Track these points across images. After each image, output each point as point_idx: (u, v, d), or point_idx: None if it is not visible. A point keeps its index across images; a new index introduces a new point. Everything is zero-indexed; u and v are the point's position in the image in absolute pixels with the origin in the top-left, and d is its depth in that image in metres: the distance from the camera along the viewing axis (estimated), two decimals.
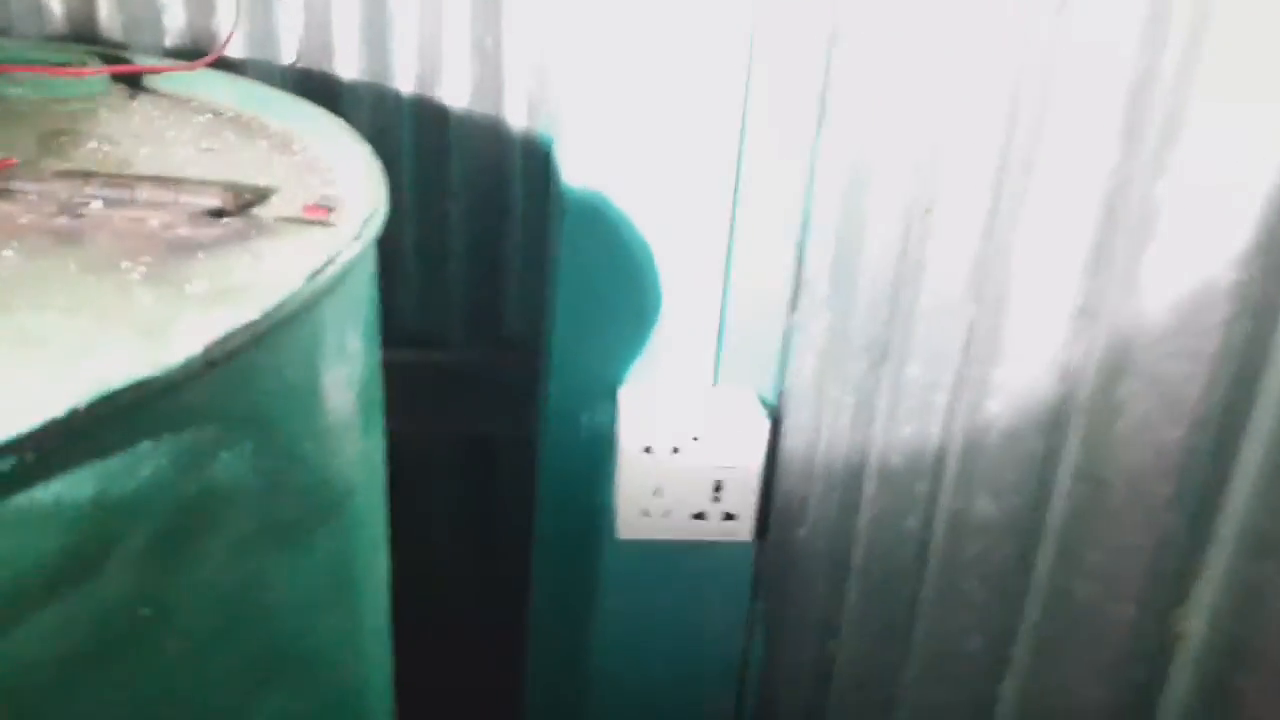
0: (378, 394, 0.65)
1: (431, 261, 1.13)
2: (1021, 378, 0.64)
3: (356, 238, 0.52)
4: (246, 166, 0.66)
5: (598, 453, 1.04)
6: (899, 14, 0.76)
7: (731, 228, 0.97)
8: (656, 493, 0.99)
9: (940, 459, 0.75)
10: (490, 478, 1.24)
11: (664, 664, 1.13)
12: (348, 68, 1.05)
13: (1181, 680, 0.50)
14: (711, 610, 1.11)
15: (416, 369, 1.16)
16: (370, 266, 0.62)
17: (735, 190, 0.96)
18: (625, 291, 0.99)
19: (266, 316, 0.44)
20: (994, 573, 0.68)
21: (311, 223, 0.56)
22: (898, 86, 0.77)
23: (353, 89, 1.05)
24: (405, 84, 1.06)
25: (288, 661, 0.54)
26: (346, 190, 0.59)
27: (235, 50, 1.03)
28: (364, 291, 0.59)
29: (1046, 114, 0.59)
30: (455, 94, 1.06)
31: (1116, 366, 0.53)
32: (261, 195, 0.59)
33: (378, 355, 0.65)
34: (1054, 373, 0.61)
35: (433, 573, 1.27)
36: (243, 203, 0.58)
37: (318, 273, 0.48)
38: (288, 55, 1.05)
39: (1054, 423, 0.62)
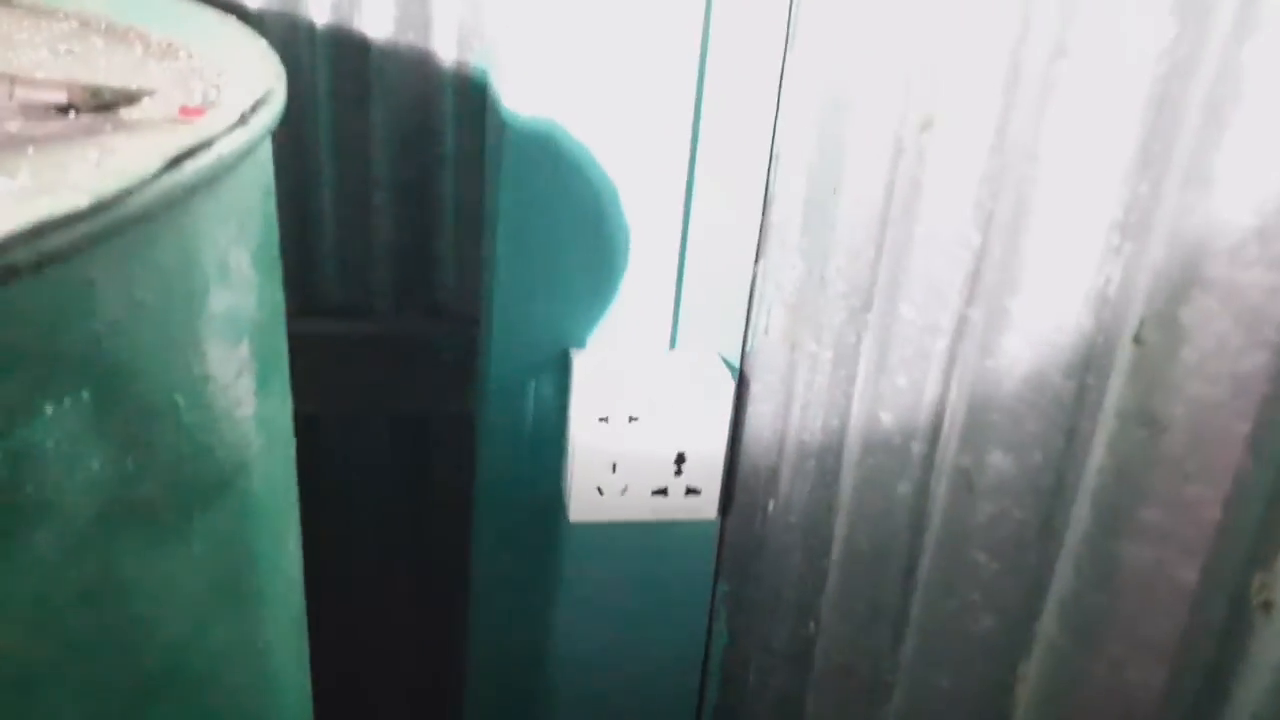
0: (280, 342, 0.53)
1: (353, 219, 1.02)
2: (1045, 309, 0.55)
3: (240, 124, 0.41)
4: (115, 70, 0.54)
5: (545, 428, 0.94)
6: None
7: (690, 170, 0.87)
8: (613, 468, 0.89)
9: (940, 412, 0.66)
10: (426, 461, 1.13)
11: (621, 656, 1.03)
12: (253, 2, 0.92)
13: (1266, 657, 0.41)
14: (672, 595, 1.01)
15: (339, 342, 1.05)
16: (264, 175, 0.51)
17: (695, 129, 0.86)
18: (572, 244, 0.88)
19: (103, 208, 0.32)
20: (1010, 541, 0.59)
21: (188, 124, 0.45)
22: None
23: (260, 24, 0.93)
24: (319, 15, 0.94)
25: (163, 689, 0.42)
26: (239, 94, 0.47)
27: None
28: (255, 203, 0.48)
29: None
30: (376, 26, 0.94)
31: (1179, 282, 0.44)
32: (127, 97, 0.47)
33: (278, 292, 0.53)
34: (1090, 299, 0.52)
35: (361, 570, 1.16)
36: (100, 102, 0.46)
37: (180, 158, 0.36)
38: None
39: (1088, 359, 0.53)
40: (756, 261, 0.92)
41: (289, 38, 0.94)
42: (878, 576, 0.73)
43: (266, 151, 0.53)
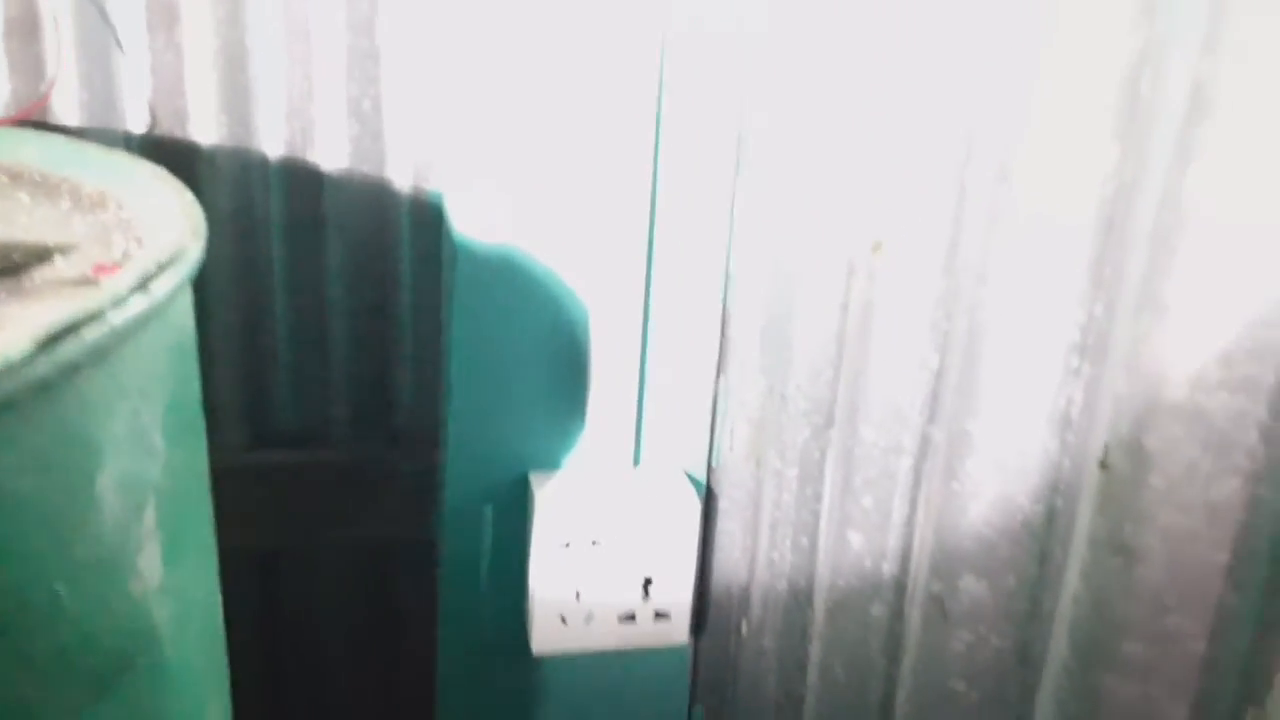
0: (198, 503, 0.51)
1: (309, 347, 1.00)
2: (1007, 432, 0.54)
3: (138, 289, 0.39)
4: (37, 226, 0.53)
5: (506, 554, 0.91)
6: (832, 21, 0.68)
7: (647, 288, 0.87)
8: (577, 595, 0.86)
9: (909, 533, 0.64)
10: (389, 590, 1.09)
11: None
12: (205, 134, 0.92)
13: None
14: None
15: (297, 471, 1.02)
16: (176, 334, 0.49)
17: (649, 246, 0.86)
18: (530, 366, 0.87)
19: None
20: (989, 670, 0.57)
21: (98, 284, 0.43)
22: (830, 109, 0.69)
23: (211, 159, 0.93)
24: (273, 151, 0.94)
25: None
26: (160, 249, 0.46)
27: (72, 118, 0.90)
28: (163, 366, 0.45)
29: (1022, 105, 0.51)
30: (331, 161, 0.94)
31: (1141, 407, 0.43)
32: (39, 256, 0.46)
33: (196, 452, 0.51)
34: (1053, 421, 0.51)
35: (324, 701, 1.11)
36: (7, 265, 0.44)
37: (58, 337, 0.34)
38: (136, 123, 0.92)
39: (1055, 483, 0.52)
40: (718, 377, 0.91)
41: (242, 176, 0.94)
42: (856, 704, 0.70)
43: (182, 308, 0.51)
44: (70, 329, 0.35)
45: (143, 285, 0.39)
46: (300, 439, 1.03)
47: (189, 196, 0.55)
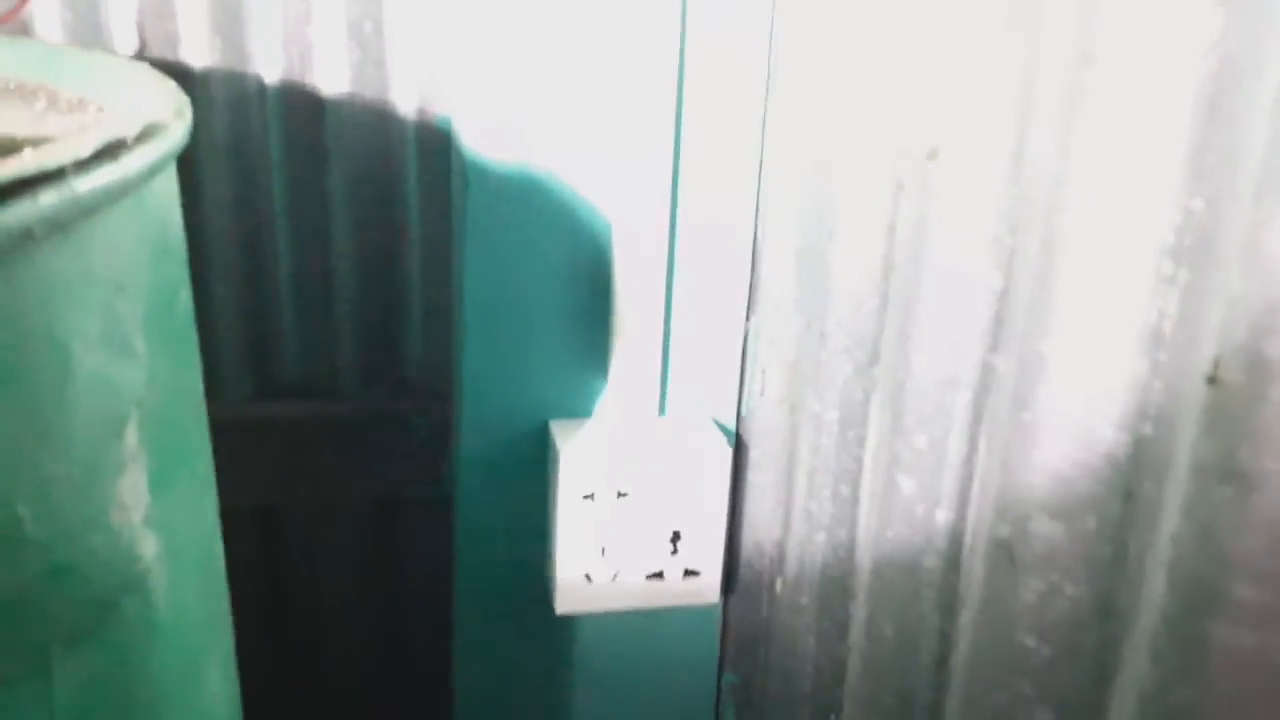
0: (193, 428, 0.45)
1: (313, 292, 0.94)
2: (1085, 353, 0.47)
3: (106, 156, 0.33)
4: (7, 124, 0.47)
5: (526, 509, 0.85)
6: None
7: (672, 223, 0.81)
8: (602, 552, 0.80)
9: (968, 475, 0.58)
10: (400, 550, 1.04)
11: None
12: (198, 60, 0.86)
13: None
14: (673, 690, 0.92)
15: (302, 425, 0.97)
16: (161, 227, 0.43)
17: (674, 178, 0.79)
18: (547, 307, 0.81)
19: None
20: (1064, 622, 0.51)
21: None
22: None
23: (205, 85, 0.87)
24: (270, 78, 0.88)
25: None
26: (135, 120, 0.40)
27: (55, 40, 0.84)
28: (142, 259, 0.40)
29: None
30: (331, 88, 0.88)
31: (1262, 309, 0.37)
32: (7, 148, 0.40)
33: (188, 370, 0.45)
34: (1141, 338, 0.45)
35: (334, 675, 1.06)
36: None
37: (8, 190, 0.29)
38: (123, 47, 0.86)
39: (1143, 407, 0.45)
40: (748, 318, 0.85)
41: (237, 104, 0.88)
42: (906, 665, 0.64)
43: (163, 196, 0.45)
44: (21, 184, 0.29)
45: (111, 153, 0.34)
46: (306, 390, 0.98)
47: (173, 85, 0.49)
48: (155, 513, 0.39)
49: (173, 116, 0.42)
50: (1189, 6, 0.42)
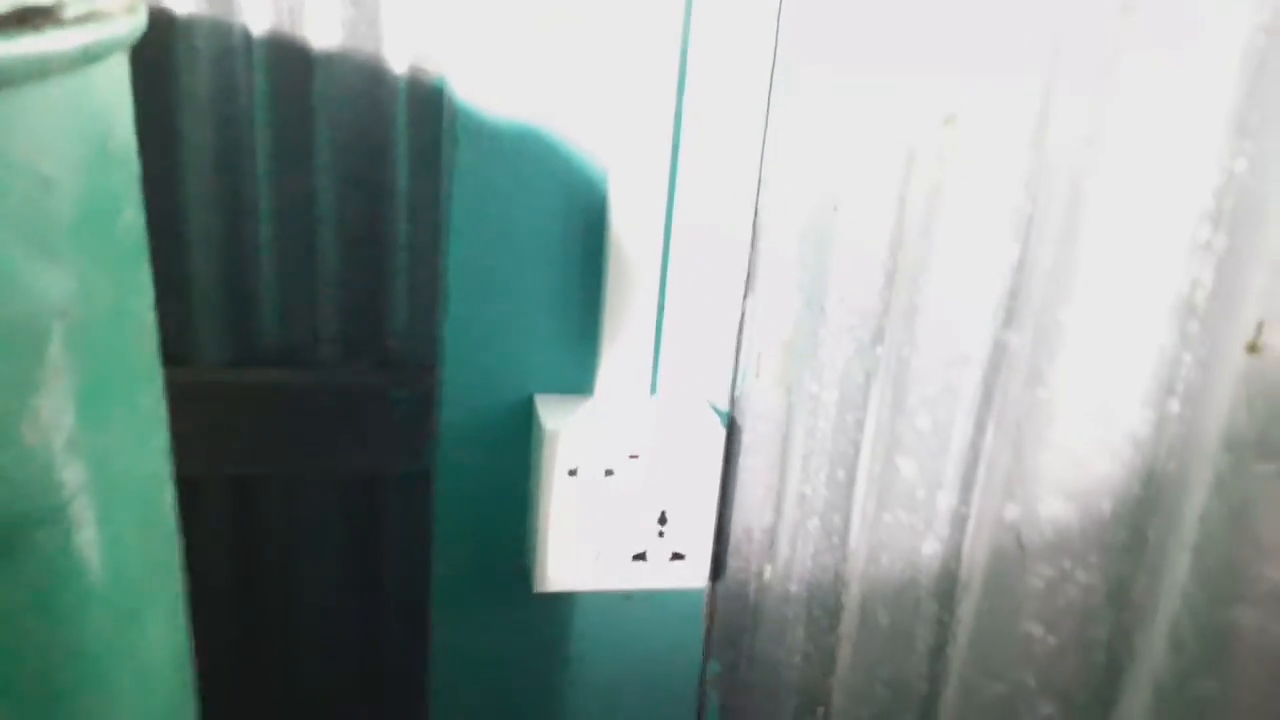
0: (135, 360, 0.41)
1: (295, 257, 0.91)
2: (1109, 322, 0.45)
3: (22, 25, 0.30)
4: None
5: (508, 485, 0.83)
6: None
7: (670, 194, 0.78)
8: (585, 530, 0.78)
9: (974, 458, 0.55)
10: (378, 525, 1.01)
11: None
12: (182, 11, 0.83)
13: None
14: (656, 676, 0.89)
15: (281, 393, 0.94)
16: (103, 125, 0.38)
17: (674, 148, 0.77)
18: (537, 277, 0.78)
19: None
20: (1074, 609, 0.48)
21: None
22: None
23: (188, 35, 0.83)
24: (257, 32, 0.84)
25: None
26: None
27: None
28: (76, 157, 0.35)
29: None
30: (321, 45, 0.85)
31: None
32: None
33: (136, 298, 0.42)
34: (1173, 309, 0.42)
35: (308, 652, 1.03)
36: None
37: None
38: None
39: (1169, 382, 0.43)
40: (745, 297, 0.82)
41: (222, 59, 0.85)
42: (900, 654, 0.62)
43: (107, 90, 0.40)
44: None
45: (30, 23, 0.30)
46: (285, 358, 0.95)
47: None
48: (84, 439, 0.35)
49: (122, 10, 0.38)
50: None
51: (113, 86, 0.39)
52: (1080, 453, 0.47)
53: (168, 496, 0.45)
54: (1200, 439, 0.40)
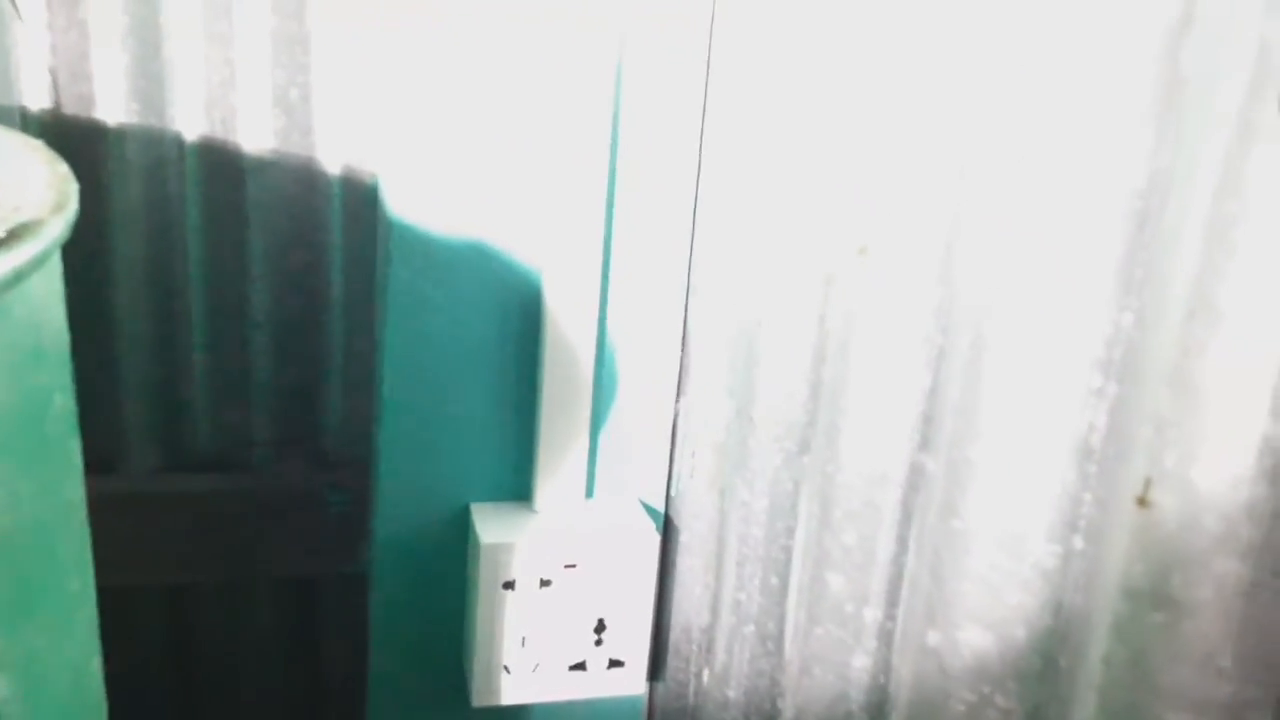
0: (63, 558, 0.41)
1: (228, 361, 0.91)
2: (1014, 459, 0.46)
3: None
4: None
5: (444, 596, 0.82)
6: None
7: (603, 299, 0.79)
8: (522, 642, 0.77)
9: (898, 575, 0.57)
10: (314, 630, 1.00)
11: None
12: (114, 119, 0.83)
13: None
14: None
15: (212, 499, 0.93)
16: (26, 333, 0.38)
17: (605, 256, 0.78)
18: (472, 382, 0.79)
19: None
20: None
21: None
22: (806, 93, 0.62)
23: (120, 147, 0.84)
24: (189, 139, 0.85)
25: None
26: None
27: None
28: None
29: (1039, 77, 0.44)
30: (253, 154, 0.86)
31: (1192, 434, 0.36)
32: None
33: (61, 494, 0.41)
34: (1071, 449, 0.44)
35: None
36: None
37: None
38: (35, 102, 0.83)
39: (1073, 520, 0.44)
40: (677, 399, 0.83)
41: (155, 169, 0.85)
42: None
43: (30, 299, 0.39)
44: None
45: None
46: (217, 463, 0.94)
47: (63, 169, 0.46)
48: (5, 652, 0.35)
49: (50, 212, 0.39)
50: (1119, 120, 0.42)
51: (45, 285, 0.39)
52: (995, 582, 0.48)
53: (95, 673, 0.44)
54: (1102, 577, 0.42)
